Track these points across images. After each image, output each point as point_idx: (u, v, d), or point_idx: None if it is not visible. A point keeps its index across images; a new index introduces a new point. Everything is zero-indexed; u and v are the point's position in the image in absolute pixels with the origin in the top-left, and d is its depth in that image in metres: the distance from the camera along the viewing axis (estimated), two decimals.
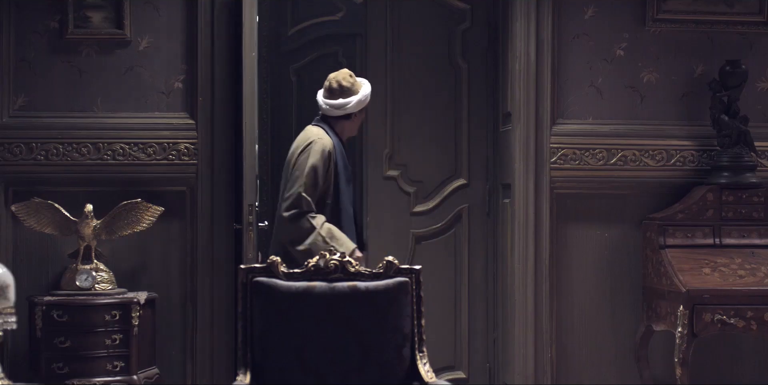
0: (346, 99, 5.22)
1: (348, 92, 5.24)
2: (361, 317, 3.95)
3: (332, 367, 3.89)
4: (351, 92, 5.24)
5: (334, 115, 5.27)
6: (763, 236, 5.61)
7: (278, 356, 3.89)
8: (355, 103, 5.23)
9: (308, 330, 3.92)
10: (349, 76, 5.27)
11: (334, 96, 5.24)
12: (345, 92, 5.24)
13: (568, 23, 5.79)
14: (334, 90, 5.24)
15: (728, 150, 5.69)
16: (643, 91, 5.85)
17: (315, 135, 5.23)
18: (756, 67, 5.90)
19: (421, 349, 3.96)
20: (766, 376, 5.92)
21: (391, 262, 4.06)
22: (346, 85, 5.23)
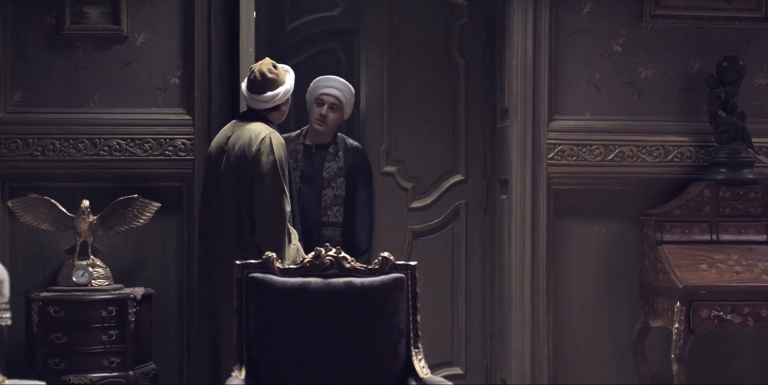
0: (274, 91, 5.02)
1: (274, 83, 5.02)
2: (357, 312, 3.95)
3: (328, 363, 3.89)
4: (277, 83, 5.02)
5: (263, 108, 5.06)
6: (760, 232, 5.60)
7: (274, 352, 3.89)
8: (282, 94, 5.05)
9: (304, 326, 3.92)
10: (272, 66, 5.06)
11: (259, 88, 5.01)
12: (271, 84, 5.02)
13: (565, 19, 5.78)
14: (259, 82, 5.01)
15: (725, 146, 5.68)
16: (641, 87, 5.84)
17: (264, 129, 5.00)
18: (754, 63, 5.90)
19: (417, 345, 3.96)
20: (762, 372, 5.92)
21: (386, 258, 4.05)
22: (271, 77, 5.03)
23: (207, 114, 5.54)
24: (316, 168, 5.68)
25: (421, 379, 3.80)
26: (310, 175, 5.67)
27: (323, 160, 5.70)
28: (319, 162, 5.69)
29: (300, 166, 5.67)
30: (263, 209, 4.87)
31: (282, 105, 5.10)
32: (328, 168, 5.69)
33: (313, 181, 5.66)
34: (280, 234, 4.85)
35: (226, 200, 4.94)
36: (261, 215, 4.87)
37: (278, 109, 5.10)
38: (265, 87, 5.01)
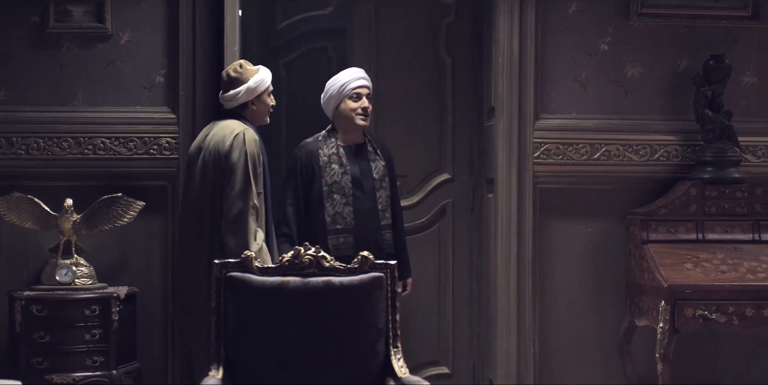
0: (236, 89, 5.00)
1: (237, 82, 5.00)
2: (336, 312, 3.94)
3: (306, 362, 3.88)
4: (240, 82, 5.00)
5: (230, 107, 5.04)
6: (746, 231, 5.59)
7: (252, 351, 3.88)
8: (244, 92, 4.98)
9: (282, 325, 3.91)
10: (239, 66, 5.06)
11: (224, 87, 5.05)
12: (234, 82, 5.01)
13: (551, 17, 5.77)
14: (224, 82, 5.06)
15: (712, 145, 5.67)
16: (627, 85, 5.82)
17: (239, 126, 4.96)
18: (741, 62, 5.88)
19: (396, 344, 3.95)
20: (748, 372, 5.91)
21: (366, 257, 4.04)
22: (234, 76, 5.03)
23: (192, 113, 5.52)
24: (364, 169, 5.39)
25: (399, 378, 3.79)
26: (360, 177, 5.36)
27: (368, 160, 5.42)
28: (365, 163, 5.40)
29: (349, 170, 5.35)
30: (228, 204, 4.82)
31: (250, 103, 5.04)
32: (376, 168, 5.41)
33: (364, 184, 5.36)
34: (244, 230, 4.78)
35: (201, 197, 4.92)
36: (226, 211, 4.82)
37: (246, 107, 5.04)
38: (229, 86, 5.03)
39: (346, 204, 5.29)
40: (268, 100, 5.10)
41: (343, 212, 5.28)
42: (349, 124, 5.38)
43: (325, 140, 5.40)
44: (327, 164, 5.32)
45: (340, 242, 5.26)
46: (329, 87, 5.41)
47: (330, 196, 5.28)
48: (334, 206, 5.29)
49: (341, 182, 5.29)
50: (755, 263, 5.41)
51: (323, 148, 5.35)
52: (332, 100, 5.39)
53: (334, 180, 5.30)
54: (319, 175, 5.30)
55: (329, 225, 5.26)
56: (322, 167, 5.31)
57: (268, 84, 5.08)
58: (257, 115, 5.09)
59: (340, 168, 5.32)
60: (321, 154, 5.34)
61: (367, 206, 5.34)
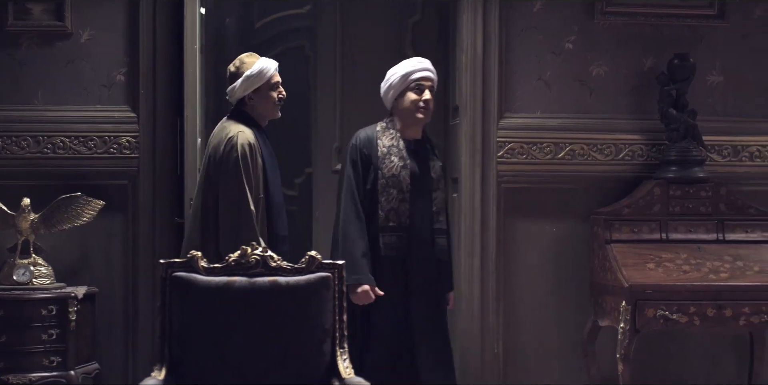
0: (232, 85, 4.93)
1: (234, 77, 4.91)
2: (282, 312, 3.91)
3: (251, 362, 3.85)
4: (236, 77, 4.91)
5: (233, 103, 4.97)
6: (710, 230, 5.56)
7: (197, 352, 3.85)
8: (239, 87, 4.87)
9: (228, 325, 3.88)
10: (238, 61, 4.95)
11: (227, 84, 4.98)
12: (233, 77, 4.92)
13: (516, 16, 5.74)
14: (227, 79, 4.98)
15: (676, 144, 5.64)
16: (592, 84, 5.80)
17: (234, 129, 4.88)
18: (707, 61, 5.86)
19: (342, 345, 3.92)
20: (713, 373, 5.88)
21: (313, 257, 4.01)
22: (232, 71, 4.92)
23: (152, 112, 5.49)
24: (422, 167, 5.03)
25: (343, 379, 3.75)
26: (419, 176, 5.00)
27: (426, 158, 5.07)
28: (423, 161, 5.04)
29: (408, 165, 4.98)
30: (223, 218, 4.77)
31: (247, 98, 4.92)
32: (434, 168, 5.07)
33: (422, 183, 5.01)
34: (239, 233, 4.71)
35: (197, 198, 4.90)
36: (222, 217, 4.78)
37: (245, 103, 4.93)
38: (228, 82, 4.96)
39: (403, 200, 4.93)
40: (271, 93, 4.92)
41: (398, 209, 4.92)
42: (408, 118, 5.03)
43: (384, 131, 5.05)
44: (386, 156, 4.95)
45: (393, 240, 4.92)
46: (390, 76, 5.05)
47: (386, 190, 4.91)
48: (389, 201, 4.92)
49: (399, 176, 4.93)
50: (718, 262, 5.39)
51: (382, 139, 5.00)
52: (392, 90, 5.04)
53: (392, 173, 4.93)
54: (376, 167, 4.94)
55: (382, 221, 4.90)
56: (380, 158, 4.94)
57: (267, 76, 4.90)
58: (261, 111, 4.93)
59: (400, 161, 4.95)
60: (380, 145, 4.98)
61: (423, 205, 5.00)
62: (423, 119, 5.02)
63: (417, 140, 5.06)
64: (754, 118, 5.92)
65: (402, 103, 5.02)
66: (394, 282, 4.91)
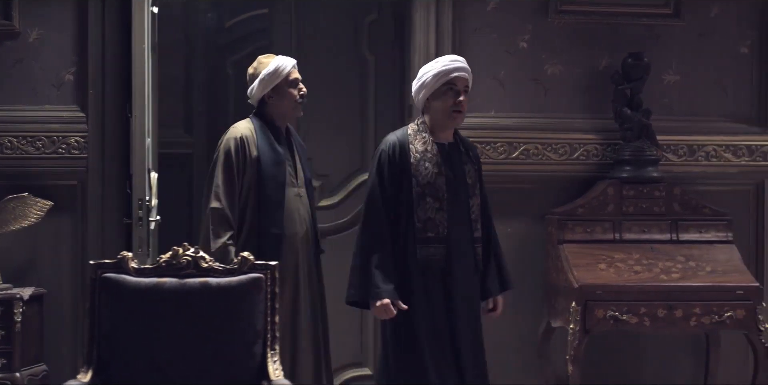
0: (250, 87, 4.89)
1: (252, 79, 4.87)
2: (212, 313, 3.87)
3: (180, 364, 3.81)
4: (254, 77, 4.86)
5: (255, 104, 4.89)
6: (663, 231, 5.53)
7: (125, 354, 3.81)
8: (257, 88, 4.81)
9: (157, 327, 3.84)
10: (255, 61, 4.89)
11: (248, 87, 4.95)
12: (251, 80, 4.87)
13: (470, 15, 5.71)
14: (247, 81, 4.97)
15: (630, 144, 5.61)
16: (547, 83, 5.77)
17: (234, 126, 4.86)
18: (663, 60, 5.83)
19: (274, 346, 3.88)
20: (670, 374, 5.85)
21: (245, 258, 3.98)
22: (250, 72, 4.88)
23: (101, 112, 5.46)
24: (457, 172, 4.69)
25: (271, 381, 3.72)
26: (455, 183, 4.67)
27: (461, 162, 4.72)
28: (458, 165, 4.70)
29: (443, 171, 4.65)
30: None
31: (266, 98, 4.82)
32: (469, 172, 4.73)
33: (458, 189, 4.68)
34: (205, 231, 4.72)
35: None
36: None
37: (265, 103, 4.83)
38: (248, 85, 4.90)
39: (440, 210, 4.60)
40: (290, 91, 4.82)
41: (435, 219, 4.59)
42: (442, 121, 4.69)
43: (416, 135, 4.69)
44: (420, 162, 4.61)
45: (431, 252, 4.59)
46: (423, 74, 4.71)
47: (422, 199, 4.58)
48: (426, 210, 4.59)
49: (435, 184, 4.61)
50: (670, 263, 5.35)
51: (414, 144, 4.66)
52: (424, 90, 4.69)
53: (427, 181, 4.59)
54: (410, 174, 4.61)
55: (419, 232, 4.57)
56: (413, 165, 4.61)
57: (283, 74, 4.80)
58: (281, 110, 4.83)
59: (434, 168, 4.62)
60: (412, 150, 4.64)
61: (460, 213, 4.66)
62: (457, 122, 4.71)
63: (450, 143, 4.73)
64: (710, 118, 5.89)
65: (435, 105, 4.67)
66: (434, 294, 4.60)
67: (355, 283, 4.63)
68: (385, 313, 4.54)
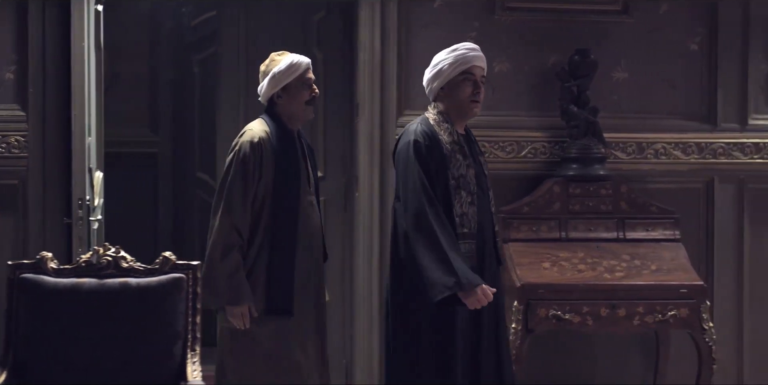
0: (261, 84, 4.59)
1: (263, 76, 4.61)
2: (131, 314, 3.84)
3: (99, 365, 3.79)
4: (265, 75, 4.59)
5: (265, 102, 4.63)
6: (610, 229, 5.49)
7: (42, 355, 3.78)
8: (267, 85, 4.55)
9: (75, 327, 3.81)
10: (268, 59, 4.64)
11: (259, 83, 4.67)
12: (262, 77, 4.61)
13: (415, 12, 5.66)
14: (259, 78, 4.66)
15: (577, 141, 5.57)
16: (495, 81, 5.71)
17: (248, 127, 4.60)
18: (612, 57, 5.78)
19: (194, 347, 3.83)
20: (621, 373, 5.81)
21: (167, 257, 3.94)
22: (261, 69, 4.62)
23: (42, 111, 5.40)
24: (478, 166, 4.53)
25: (188, 382, 3.68)
26: (480, 175, 4.51)
27: (476, 154, 4.56)
28: (476, 157, 4.54)
29: (471, 163, 4.48)
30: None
31: (275, 97, 4.57)
32: (484, 163, 4.61)
33: (482, 181, 4.51)
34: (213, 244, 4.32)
35: None
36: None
37: (274, 103, 4.58)
38: (260, 81, 4.64)
39: (471, 203, 4.42)
40: (301, 92, 4.56)
41: (468, 213, 4.41)
42: (460, 111, 4.50)
43: (439, 125, 4.49)
44: (452, 154, 4.41)
45: (467, 248, 4.38)
46: (438, 62, 4.53)
47: (458, 192, 4.38)
48: (461, 204, 4.40)
49: (467, 176, 4.42)
50: (615, 261, 5.31)
51: (441, 134, 4.45)
52: (439, 79, 4.50)
53: (460, 173, 4.41)
54: (444, 167, 4.39)
55: (458, 228, 4.36)
56: (447, 157, 4.40)
57: (297, 73, 4.55)
58: (290, 110, 4.57)
59: (465, 160, 4.44)
60: (443, 141, 4.43)
61: (486, 207, 4.50)
62: (475, 113, 4.53)
63: (464, 135, 4.56)
64: (659, 115, 5.84)
65: (453, 94, 4.48)
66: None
67: (444, 276, 4.21)
68: (486, 297, 4.25)
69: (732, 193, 5.87)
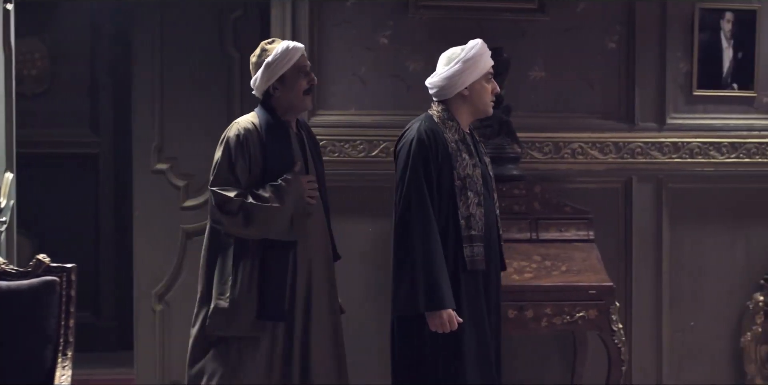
0: (254, 76, 4.35)
1: (255, 68, 4.36)
2: (1, 317, 3.75)
3: None
4: (257, 67, 4.34)
5: (260, 96, 4.39)
6: (523, 230, 5.44)
7: None
8: (261, 77, 4.30)
9: None
10: (258, 48, 4.39)
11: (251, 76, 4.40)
12: (255, 69, 4.36)
13: (328, 10, 5.61)
14: (250, 70, 4.41)
15: (490, 141, 5.51)
16: (409, 80, 5.67)
17: (232, 124, 4.41)
18: (528, 56, 5.74)
19: (66, 352, 3.76)
20: (540, 373, 5.80)
21: (40, 260, 3.87)
22: (252, 61, 4.37)
23: None
24: (484, 166, 4.39)
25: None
26: (486, 175, 4.37)
27: (481, 153, 4.42)
28: (482, 156, 4.40)
29: (477, 163, 4.34)
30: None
31: (271, 89, 4.33)
32: (489, 163, 4.45)
33: (488, 182, 4.37)
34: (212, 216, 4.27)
35: None
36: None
37: (270, 95, 4.34)
38: (252, 75, 4.39)
39: (479, 205, 4.27)
40: (298, 81, 4.32)
41: (476, 215, 4.25)
42: (474, 108, 4.37)
43: (444, 123, 4.34)
44: (457, 152, 4.26)
45: (475, 252, 4.24)
46: (456, 58, 4.40)
47: (463, 193, 4.22)
48: (468, 205, 4.24)
49: (473, 176, 4.27)
50: (525, 262, 5.26)
51: (446, 132, 4.31)
52: (464, 76, 4.33)
53: (466, 173, 4.25)
54: (450, 167, 4.24)
55: (464, 230, 4.21)
56: (452, 156, 4.25)
57: (291, 62, 4.29)
58: (288, 102, 4.33)
59: (471, 159, 4.29)
60: (448, 139, 4.29)
61: (491, 209, 4.36)
62: (491, 113, 4.42)
63: (470, 134, 4.43)
64: (577, 114, 5.81)
65: (469, 93, 4.33)
66: (478, 299, 4.28)
67: (410, 291, 4.13)
68: (449, 324, 4.13)
69: (650, 192, 5.83)
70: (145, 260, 5.95)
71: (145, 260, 5.95)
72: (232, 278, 4.22)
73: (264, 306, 4.23)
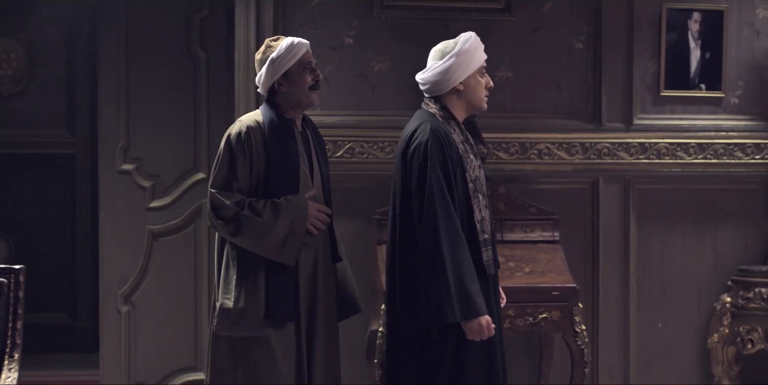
0: (258, 73, 4.30)
1: (260, 65, 4.31)
2: None
3: None
4: (262, 63, 4.29)
5: (264, 94, 4.33)
6: None
7: None
8: (266, 73, 4.25)
9: None
10: (263, 45, 4.34)
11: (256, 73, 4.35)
12: (258, 66, 4.32)
13: (293, 10, 5.59)
14: (255, 67, 4.37)
15: None
16: (375, 80, 5.65)
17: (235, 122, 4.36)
18: (496, 56, 5.69)
19: (12, 353, 3.73)
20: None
21: None
22: (257, 58, 4.33)
23: None
24: (483, 166, 4.29)
25: None
26: (482, 179, 4.26)
27: (477, 156, 4.26)
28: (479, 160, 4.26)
29: (481, 164, 4.26)
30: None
31: (277, 85, 4.26)
32: (483, 166, 4.29)
33: (486, 187, 4.26)
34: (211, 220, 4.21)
35: None
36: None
37: (275, 91, 4.28)
38: (257, 72, 4.34)
39: (486, 207, 4.14)
40: (303, 77, 4.27)
41: (486, 218, 4.12)
42: (469, 105, 4.24)
43: (447, 123, 4.16)
44: (465, 154, 4.12)
45: (488, 255, 4.12)
46: (450, 52, 4.21)
47: (475, 195, 4.08)
48: (480, 209, 4.11)
49: (481, 178, 4.15)
50: None
51: (452, 133, 4.14)
52: (459, 71, 4.17)
53: (476, 175, 4.12)
54: (462, 169, 4.07)
55: (479, 235, 4.06)
56: (462, 157, 4.08)
57: (296, 58, 4.25)
58: (293, 98, 4.28)
59: (476, 160, 4.17)
60: (456, 140, 4.12)
61: (491, 211, 4.26)
62: (485, 108, 4.27)
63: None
64: (544, 115, 5.79)
65: (464, 88, 4.19)
66: (491, 303, 4.11)
67: (451, 299, 3.89)
68: (487, 331, 3.95)
69: (617, 193, 5.81)
70: (111, 261, 5.92)
71: (111, 261, 5.92)
72: (236, 278, 4.18)
73: (272, 305, 4.17)
